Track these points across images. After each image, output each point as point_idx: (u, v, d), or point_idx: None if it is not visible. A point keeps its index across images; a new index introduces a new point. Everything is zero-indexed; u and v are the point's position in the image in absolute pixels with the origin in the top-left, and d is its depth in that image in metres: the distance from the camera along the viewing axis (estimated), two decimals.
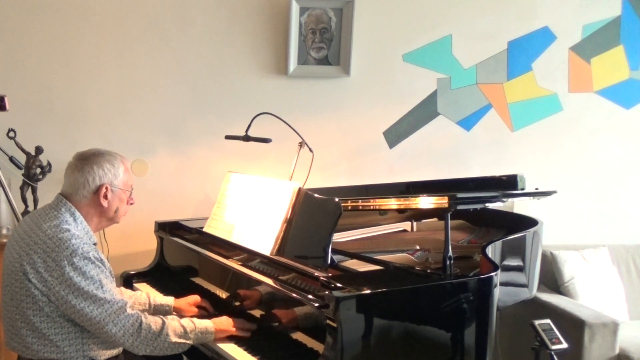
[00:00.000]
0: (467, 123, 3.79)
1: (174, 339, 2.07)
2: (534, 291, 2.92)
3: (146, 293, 2.50)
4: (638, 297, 3.64)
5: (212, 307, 2.49)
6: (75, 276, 1.95)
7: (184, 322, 2.14)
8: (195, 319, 2.20)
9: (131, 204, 2.25)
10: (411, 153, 3.71)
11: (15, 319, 2.03)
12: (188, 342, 2.11)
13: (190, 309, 2.46)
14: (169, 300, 2.48)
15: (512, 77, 3.81)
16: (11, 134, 3.03)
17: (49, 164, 3.12)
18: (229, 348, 2.16)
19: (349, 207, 2.55)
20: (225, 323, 2.23)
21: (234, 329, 2.22)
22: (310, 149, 2.81)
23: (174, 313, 2.44)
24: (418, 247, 2.65)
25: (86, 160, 2.12)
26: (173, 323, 2.10)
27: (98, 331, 2.00)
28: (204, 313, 2.45)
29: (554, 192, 2.92)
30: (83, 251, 1.98)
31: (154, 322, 2.06)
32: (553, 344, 2.38)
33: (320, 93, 3.55)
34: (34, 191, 3.10)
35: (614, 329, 3.01)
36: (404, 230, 3.08)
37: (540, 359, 2.44)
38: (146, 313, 2.10)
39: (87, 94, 3.29)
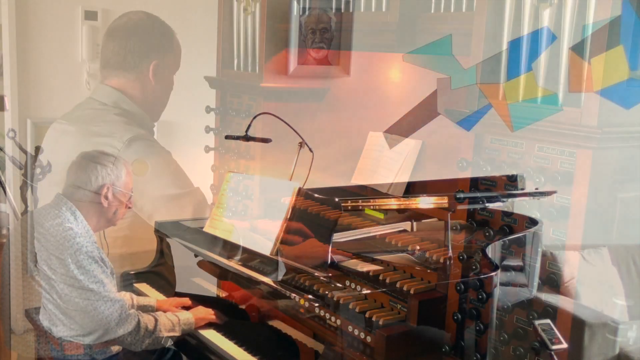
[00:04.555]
0: (467, 123, 3.78)
1: (165, 334, 2.18)
2: (534, 291, 2.91)
3: (129, 294, 2.53)
4: (638, 297, 3.64)
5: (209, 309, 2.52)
6: (78, 274, 1.98)
7: (169, 317, 2.24)
8: (176, 313, 2.30)
9: (129, 207, 2.28)
10: None
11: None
12: (176, 334, 2.22)
13: (173, 310, 2.49)
14: (152, 301, 2.53)
15: (512, 77, 3.80)
16: (11, 134, 3.03)
17: (49, 164, 3.11)
18: (230, 348, 2.17)
19: (349, 207, 2.55)
20: (202, 312, 2.37)
21: (211, 317, 2.34)
22: (310, 149, 2.81)
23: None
24: (418, 247, 2.65)
25: (90, 159, 2.14)
26: (162, 319, 2.21)
27: (99, 329, 2.03)
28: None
29: (554, 192, 2.92)
30: (87, 250, 2.02)
31: (149, 320, 2.16)
32: (553, 344, 2.37)
33: (320, 93, 3.55)
34: (34, 191, 3.10)
35: (614, 329, 3.00)
36: (404, 230, 3.07)
37: (540, 359, 2.44)
38: (140, 312, 2.18)
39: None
